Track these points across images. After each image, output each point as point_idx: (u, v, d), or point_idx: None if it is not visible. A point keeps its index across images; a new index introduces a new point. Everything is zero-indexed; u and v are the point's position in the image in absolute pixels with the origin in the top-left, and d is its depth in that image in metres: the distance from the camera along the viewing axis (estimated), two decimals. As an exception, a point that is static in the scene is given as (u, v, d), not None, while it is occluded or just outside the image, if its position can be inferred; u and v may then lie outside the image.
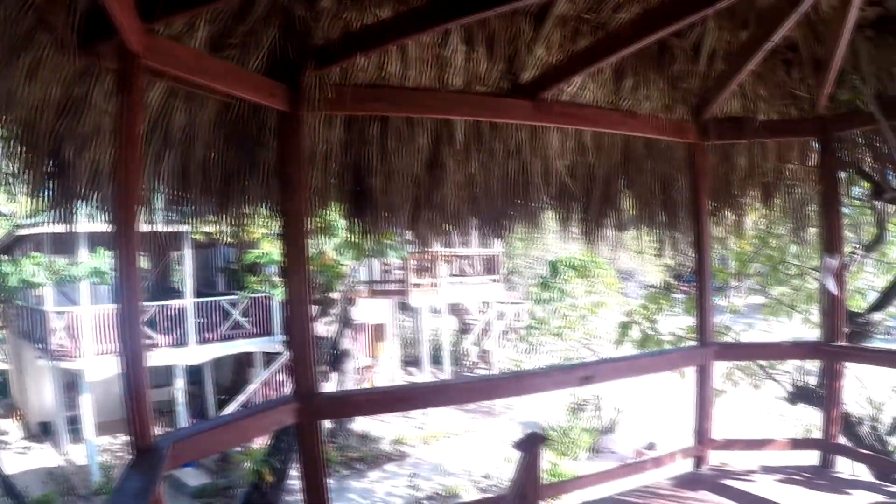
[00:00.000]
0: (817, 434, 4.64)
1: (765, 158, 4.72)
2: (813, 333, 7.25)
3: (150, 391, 2.38)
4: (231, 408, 14.72)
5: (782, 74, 4.31)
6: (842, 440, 4.82)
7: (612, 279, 17.99)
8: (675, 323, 7.33)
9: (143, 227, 2.90)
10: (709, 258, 4.60)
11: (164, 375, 15.11)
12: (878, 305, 5.18)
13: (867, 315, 5.06)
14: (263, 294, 15.75)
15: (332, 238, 11.10)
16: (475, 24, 3.41)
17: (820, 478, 4.19)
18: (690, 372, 4.77)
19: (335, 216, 4.20)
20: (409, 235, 4.09)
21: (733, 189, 4.89)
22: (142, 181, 2.72)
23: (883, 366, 4.87)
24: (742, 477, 4.17)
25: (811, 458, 4.50)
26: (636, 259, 20.40)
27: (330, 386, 13.91)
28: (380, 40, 3.05)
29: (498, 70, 3.61)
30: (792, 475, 4.20)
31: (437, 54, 3.41)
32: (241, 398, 15.25)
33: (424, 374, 19.24)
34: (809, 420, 6.95)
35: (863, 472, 4.79)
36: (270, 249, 12.64)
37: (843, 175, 4.65)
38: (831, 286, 4.29)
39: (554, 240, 18.36)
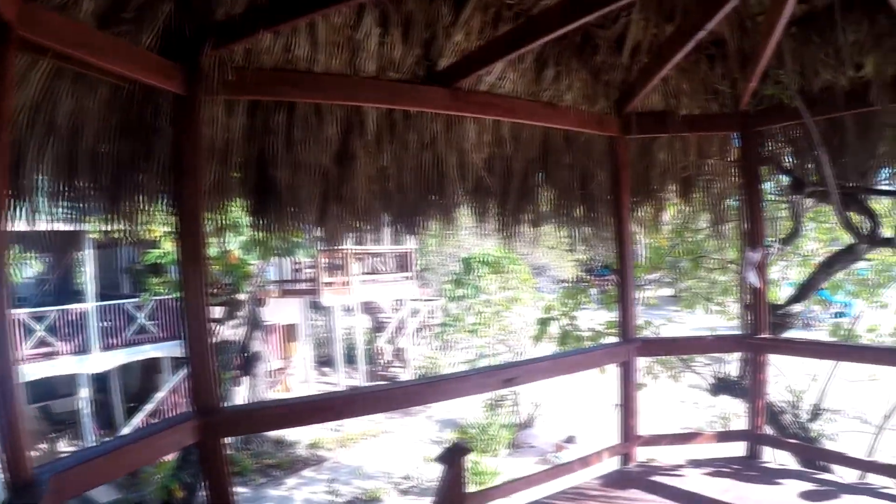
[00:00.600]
0: (739, 424, 4.90)
1: (685, 153, 4.96)
2: (728, 325, 7.75)
3: (35, 408, 2.20)
4: (138, 418, 14.72)
5: (705, 69, 4.52)
6: (767, 430, 5.11)
7: (526, 275, 18.59)
8: (593, 318, 7.61)
9: (39, 225, 2.72)
10: (630, 253, 4.77)
11: (68, 385, 14.83)
12: (797, 297, 5.55)
13: (787, 307, 5.39)
14: (169, 296, 15.57)
15: (238, 236, 10.84)
16: (390, 4, 3.38)
17: (748, 469, 4.43)
18: (611, 368, 4.93)
19: (238, 212, 4.05)
20: (318, 232, 4.01)
21: (653, 183, 5.10)
22: (11, 171, 2.54)
23: (805, 356, 5.23)
24: (671, 472, 4.36)
25: (738, 449, 4.75)
26: (549, 254, 21.36)
27: (241, 391, 13.82)
28: (287, 15, 2.96)
29: (413, 56, 3.61)
30: (720, 468, 4.42)
31: (349, 37, 3.37)
32: (149, 407, 15.09)
33: (339, 375, 19.45)
34: (730, 410, 7.36)
35: (789, 461, 5.11)
36: (172, 248, 12.25)
37: (762, 169, 4.92)
38: (753, 279, 4.56)
39: (468, 236, 18.80)
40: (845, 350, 5.70)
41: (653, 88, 4.37)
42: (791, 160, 4.98)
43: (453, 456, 3.54)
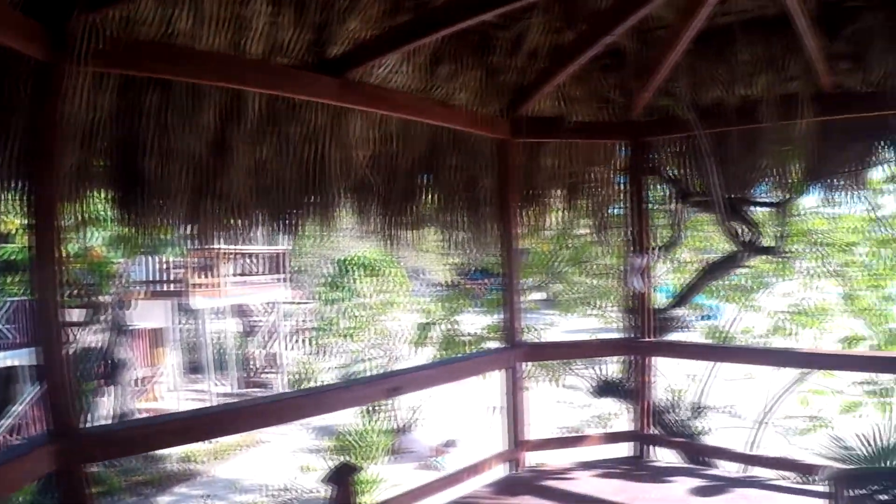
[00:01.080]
0: (620, 424, 5.20)
1: (572, 159, 5.22)
2: (607, 328, 8.22)
3: None
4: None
5: (599, 78, 4.79)
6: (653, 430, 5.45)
7: (402, 278, 18.88)
8: (474, 322, 7.80)
9: None
10: (516, 257, 4.94)
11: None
12: (679, 302, 6.00)
13: (669, 311, 5.81)
14: (27, 297, 14.28)
15: (101, 231, 10.06)
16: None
17: (638, 468, 4.72)
18: (493, 373, 5.08)
19: (102, 204, 3.75)
20: (188, 229, 3.80)
21: (539, 188, 5.34)
22: None
23: (688, 358, 5.75)
24: (561, 476, 4.55)
25: (625, 450, 5.06)
26: (425, 257, 21.86)
27: (106, 403, 13.23)
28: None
29: (304, 40, 3.52)
30: (610, 469, 4.68)
31: (236, 14, 3.22)
32: (6, 422, 13.99)
33: (209, 383, 18.93)
34: (609, 411, 7.82)
35: (676, 459, 5.50)
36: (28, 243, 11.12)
37: (648, 179, 5.31)
38: (637, 284, 4.87)
39: (344, 237, 19.11)
40: (724, 351, 6.45)
41: (546, 93, 4.58)
42: (676, 171, 5.39)
43: (341, 476, 3.46)
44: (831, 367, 6.28)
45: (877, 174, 5.98)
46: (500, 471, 4.72)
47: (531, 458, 4.88)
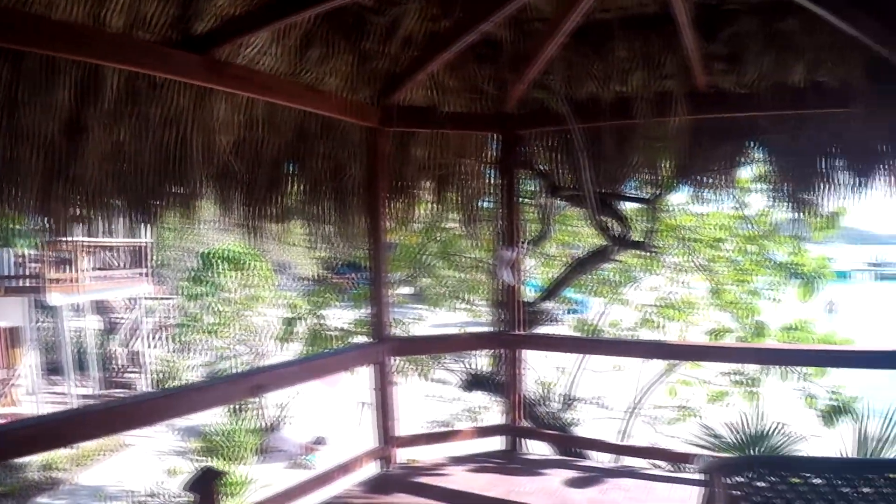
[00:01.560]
0: (491, 418, 5.43)
1: (443, 151, 5.40)
2: (475, 322, 8.51)
3: None
4: None
5: (474, 68, 5.00)
6: (524, 423, 5.72)
7: (268, 272, 18.80)
8: (342, 316, 7.87)
9: None
10: (384, 249, 5.06)
11: None
12: (548, 295, 6.31)
13: (538, 304, 6.10)
14: None
15: None
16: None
17: (511, 461, 4.96)
18: (362, 369, 5.18)
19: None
20: (42, 219, 3.69)
21: (408, 179, 5.49)
22: None
23: (558, 351, 6.04)
24: (434, 472, 4.73)
25: (497, 443, 5.29)
26: (290, 251, 21.90)
27: None
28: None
29: (169, 15, 3.48)
30: (483, 463, 4.89)
31: (97, -18, 3.17)
32: None
33: (70, 384, 17.93)
34: (479, 405, 8.08)
35: (548, 451, 5.79)
36: None
37: (519, 172, 5.56)
38: (507, 277, 5.11)
39: (207, 229, 18.54)
40: (593, 343, 6.81)
41: (419, 82, 4.73)
42: (548, 165, 5.69)
43: (202, 483, 3.46)
44: (698, 358, 6.83)
45: (745, 173, 6.56)
46: (372, 468, 4.83)
47: (403, 455, 5.02)
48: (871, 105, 4.13)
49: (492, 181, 5.60)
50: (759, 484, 2.41)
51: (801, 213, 5.16)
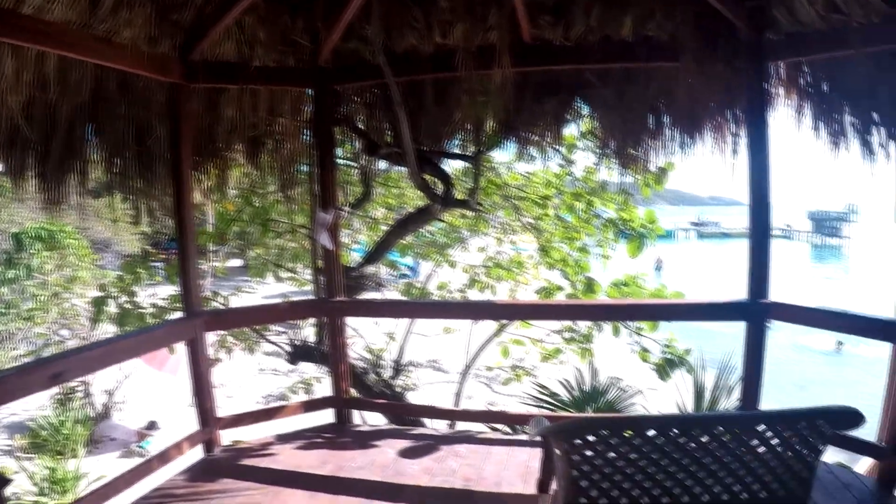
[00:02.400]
0: (324, 389, 5.60)
1: (255, 109, 5.41)
2: (301, 291, 8.64)
3: None
4: None
5: (286, 20, 5.02)
6: (354, 393, 6.00)
7: (86, 250, 18.55)
8: (158, 293, 7.74)
9: None
10: (191, 218, 5.01)
11: None
12: (371, 259, 6.53)
13: (361, 269, 6.31)
14: None
15: None
16: None
17: (341, 435, 5.17)
18: (181, 346, 5.20)
19: None
20: None
21: (219, 142, 5.49)
22: None
23: (384, 316, 6.31)
24: (261, 452, 4.87)
25: (327, 416, 5.47)
26: (111, 228, 21.88)
27: None
28: None
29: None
30: (312, 439, 5.10)
31: None
32: None
33: None
34: (317, 377, 8.23)
35: (382, 421, 6.05)
36: None
37: (336, 130, 5.66)
38: (326, 242, 5.26)
39: (21, 209, 18.45)
40: (419, 307, 7.06)
41: (225, 33, 4.73)
42: (366, 122, 5.84)
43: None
44: (529, 317, 7.30)
45: (572, 129, 7.03)
46: (195, 454, 4.88)
47: (229, 436, 5.12)
48: (700, 60, 4.50)
49: (309, 141, 5.64)
50: (599, 447, 2.55)
51: (629, 170, 5.60)
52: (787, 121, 4.80)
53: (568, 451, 2.60)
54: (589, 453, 2.58)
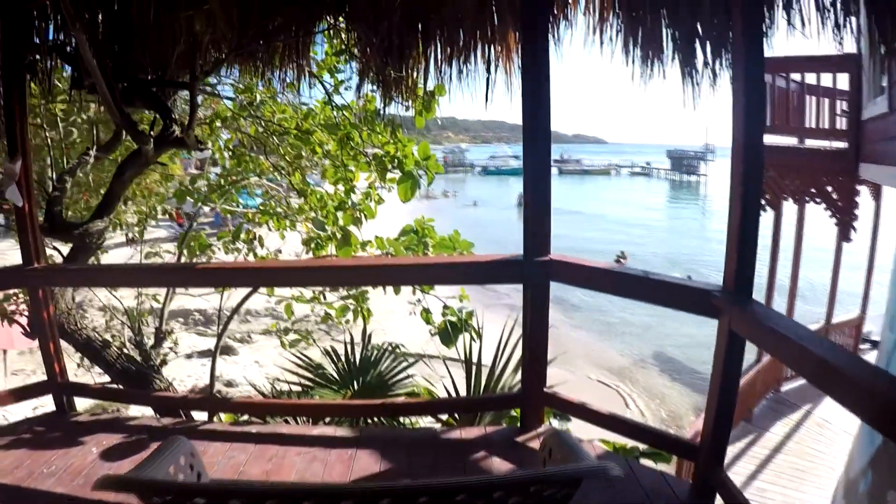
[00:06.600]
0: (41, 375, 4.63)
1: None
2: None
3: None
4: None
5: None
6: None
7: None
8: None
9: None
10: None
11: None
12: (100, 212, 5.22)
13: (88, 225, 5.08)
14: None
15: None
16: None
17: (55, 429, 4.19)
18: None
19: None
20: None
21: None
22: None
23: (101, 286, 5.17)
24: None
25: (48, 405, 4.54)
26: None
27: None
28: None
29: None
30: (22, 434, 4.11)
31: None
32: None
33: None
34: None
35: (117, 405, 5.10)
36: None
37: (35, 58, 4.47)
38: (15, 197, 4.21)
39: None
40: (144, 273, 5.10)
41: None
42: (72, 46, 4.58)
43: None
44: (245, 283, 5.94)
45: (323, 48, 6.21)
46: None
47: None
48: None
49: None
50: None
51: (392, 93, 4.81)
52: (586, 35, 4.00)
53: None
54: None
